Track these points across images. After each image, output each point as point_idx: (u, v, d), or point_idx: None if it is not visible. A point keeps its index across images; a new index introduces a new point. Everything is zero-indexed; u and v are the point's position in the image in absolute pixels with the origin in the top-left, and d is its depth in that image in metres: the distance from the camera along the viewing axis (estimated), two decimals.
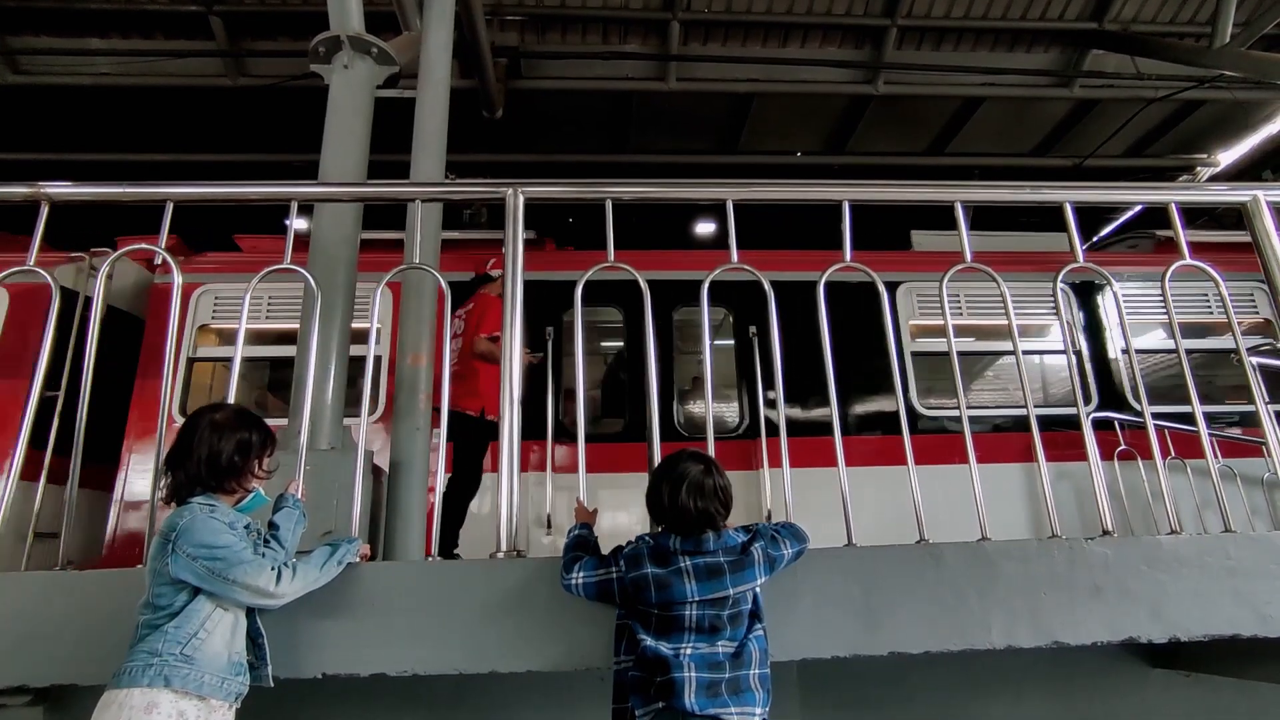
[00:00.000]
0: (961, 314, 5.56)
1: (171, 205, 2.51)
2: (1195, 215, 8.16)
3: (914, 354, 5.43)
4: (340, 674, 2.02)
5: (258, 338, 5.45)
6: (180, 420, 4.63)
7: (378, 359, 5.24)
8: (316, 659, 2.02)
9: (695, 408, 5.86)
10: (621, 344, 5.69)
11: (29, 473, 2.33)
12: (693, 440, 5.30)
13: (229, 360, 3.94)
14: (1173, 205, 2.77)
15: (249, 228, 5.94)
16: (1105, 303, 5.66)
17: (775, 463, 5.04)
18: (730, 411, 5.62)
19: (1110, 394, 5.41)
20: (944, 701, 2.89)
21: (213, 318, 5.27)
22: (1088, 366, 5.47)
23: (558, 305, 5.31)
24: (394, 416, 4.05)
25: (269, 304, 5.31)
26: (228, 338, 5.38)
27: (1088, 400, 5.33)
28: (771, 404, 5.24)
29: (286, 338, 5.21)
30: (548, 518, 4.93)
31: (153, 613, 1.77)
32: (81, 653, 2.00)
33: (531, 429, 4.97)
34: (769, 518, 4.97)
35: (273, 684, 1.91)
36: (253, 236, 5.82)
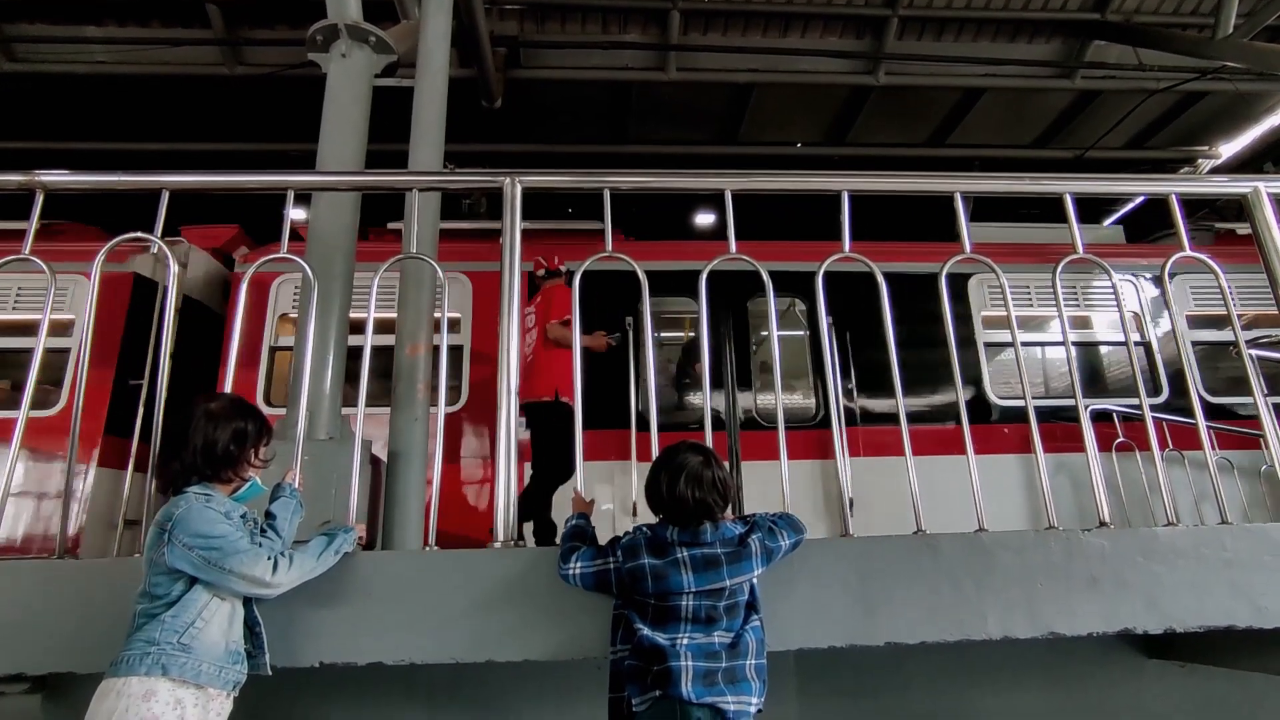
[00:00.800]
0: (1031, 305, 5.59)
1: (167, 194, 2.50)
2: (1196, 208, 8.15)
3: (986, 344, 5.46)
4: (338, 663, 2.02)
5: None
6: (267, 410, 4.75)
7: (458, 348, 5.38)
8: (314, 648, 2.03)
9: (769, 398, 5.85)
10: (682, 334, 5.79)
11: (114, 461, 2.32)
12: (769, 430, 5.32)
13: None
14: (1173, 196, 2.76)
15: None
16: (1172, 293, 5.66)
17: (854, 452, 5.12)
18: (807, 402, 5.62)
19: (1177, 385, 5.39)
20: (940, 690, 2.90)
21: (293, 307, 5.19)
22: (1157, 358, 5.39)
23: (635, 295, 5.32)
24: (392, 406, 4.05)
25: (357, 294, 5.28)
26: None
27: (1157, 391, 5.31)
28: (848, 394, 5.33)
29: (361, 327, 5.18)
30: (634, 505, 4.93)
31: (150, 602, 1.77)
32: (78, 641, 2.00)
33: (606, 417, 4.87)
34: (850, 505, 5.00)
35: (270, 673, 1.91)
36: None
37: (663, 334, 6.07)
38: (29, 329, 5.19)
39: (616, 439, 4.87)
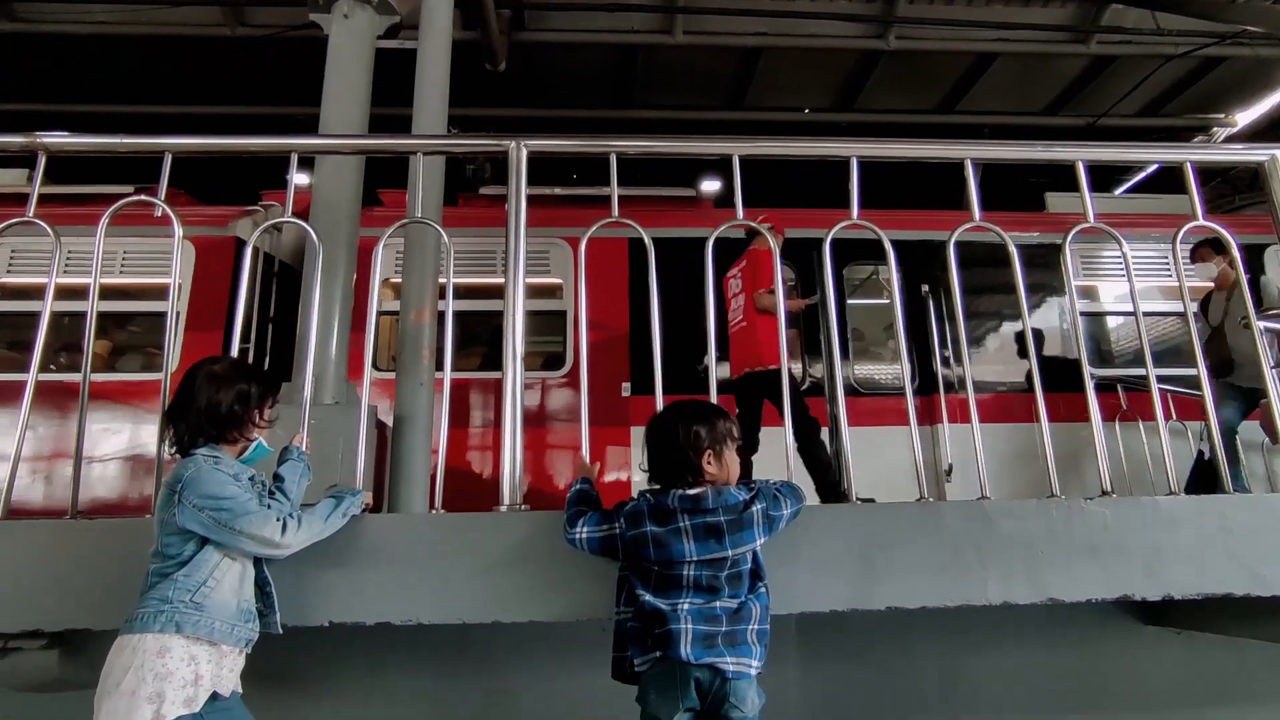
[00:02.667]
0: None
1: (170, 156, 2.48)
2: (1209, 177, 8.04)
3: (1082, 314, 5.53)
4: (347, 622, 2.06)
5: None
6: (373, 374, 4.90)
7: (562, 314, 5.46)
8: (324, 607, 2.06)
9: (866, 366, 6.01)
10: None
11: None
12: (871, 397, 5.52)
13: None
14: (1188, 165, 2.72)
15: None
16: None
17: (953, 418, 5.25)
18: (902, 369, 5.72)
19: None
20: (940, 653, 2.95)
21: (396, 271, 5.14)
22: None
23: (731, 262, 5.43)
24: (398, 370, 4.07)
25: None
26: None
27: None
28: (945, 362, 5.40)
29: (462, 292, 5.32)
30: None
31: (162, 561, 1.80)
32: (93, 599, 2.04)
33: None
34: (949, 472, 5.09)
35: (281, 631, 1.95)
36: (392, 191, 5.80)
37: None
38: (130, 294, 5.40)
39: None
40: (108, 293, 5.17)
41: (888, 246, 2.55)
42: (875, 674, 2.93)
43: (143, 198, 2.43)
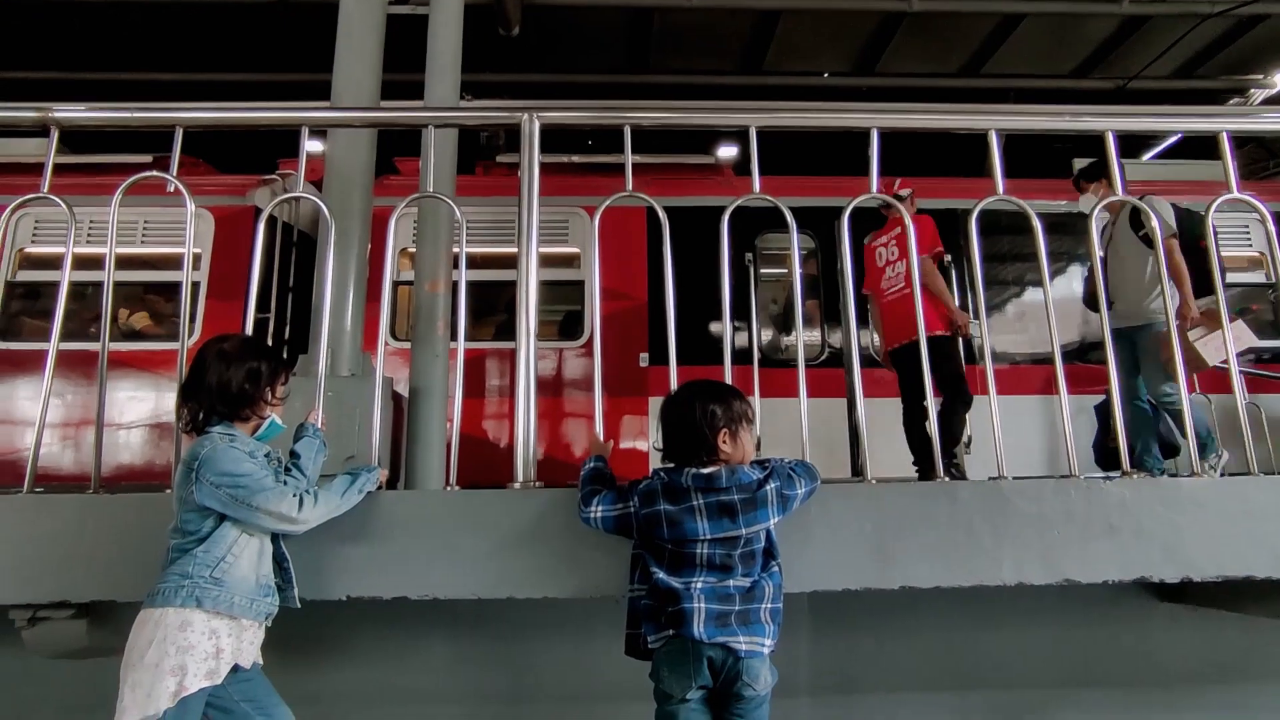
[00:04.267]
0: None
1: (181, 130, 2.46)
2: (1243, 141, 7.77)
3: None
4: (364, 597, 2.09)
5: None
6: (394, 344, 5.06)
7: (581, 283, 5.51)
8: (341, 582, 2.09)
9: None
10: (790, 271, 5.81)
11: None
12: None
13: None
14: (1223, 134, 2.62)
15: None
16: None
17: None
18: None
19: None
20: (951, 628, 2.95)
21: (412, 241, 5.13)
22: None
23: (751, 231, 5.35)
24: (413, 342, 4.08)
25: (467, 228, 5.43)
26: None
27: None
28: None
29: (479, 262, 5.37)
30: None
31: (182, 537, 1.83)
32: (117, 572, 2.08)
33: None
34: (968, 443, 5.05)
35: (299, 605, 1.98)
36: (408, 159, 5.78)
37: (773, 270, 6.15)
38: (149, 263, 5.46)
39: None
40: (133, 262, 5.25)
41: (909, 222, 2.50)
42: (886, 647, 2.95)
43: (155, 174, 2.42)
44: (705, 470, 1.96)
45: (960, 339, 4.49)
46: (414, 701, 2.77)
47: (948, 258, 4.91)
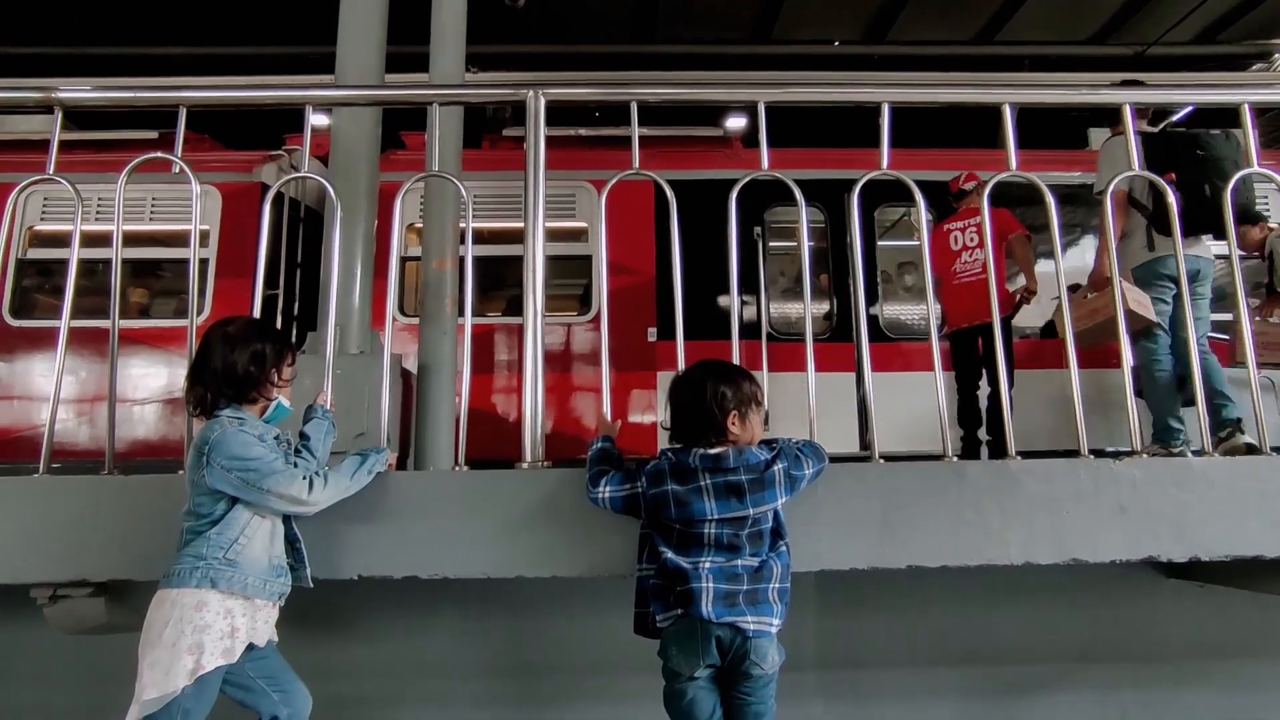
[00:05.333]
0: None
1: (185, 110, 2.44)
2: (1263, 110, 7.58)
3: None
4: (375, 576, 2.12)
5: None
6: (402, 319, 5.09)
7: (589, 258, 5.50)
8: (352, 562, 2.12)
9: (897, 308, 6.01)
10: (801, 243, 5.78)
11: None
12: (905, 341, 5.52)
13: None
14: (1245, 107, 2.55)
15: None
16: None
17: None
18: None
19: None
20: (957, 604, 2.97)
21: (419, 216, 5.12)
22: None
23: (760, 205, 5.31)
24: (421, 319, 4.08)
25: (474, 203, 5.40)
26: None
27: None
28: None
29: (487, 237, 5.44)
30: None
31: (195, 520, 1.85)
32: (133, 552, 2.12)
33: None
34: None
35: (312, 585, 2.01)
36: (414, 133, 5.75)
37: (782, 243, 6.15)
38: (159, 240, 5.48)
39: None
40: (143, 239, 5.26)
41: (919, 199, 2.46)
42: (892, 622, 2.97)
43: (160, 155, 2.40)
44: (713, 451, 1.96)
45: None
46: (425, 674, 2.82)
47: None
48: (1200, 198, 3.24)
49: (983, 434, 4.71)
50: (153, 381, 5.10)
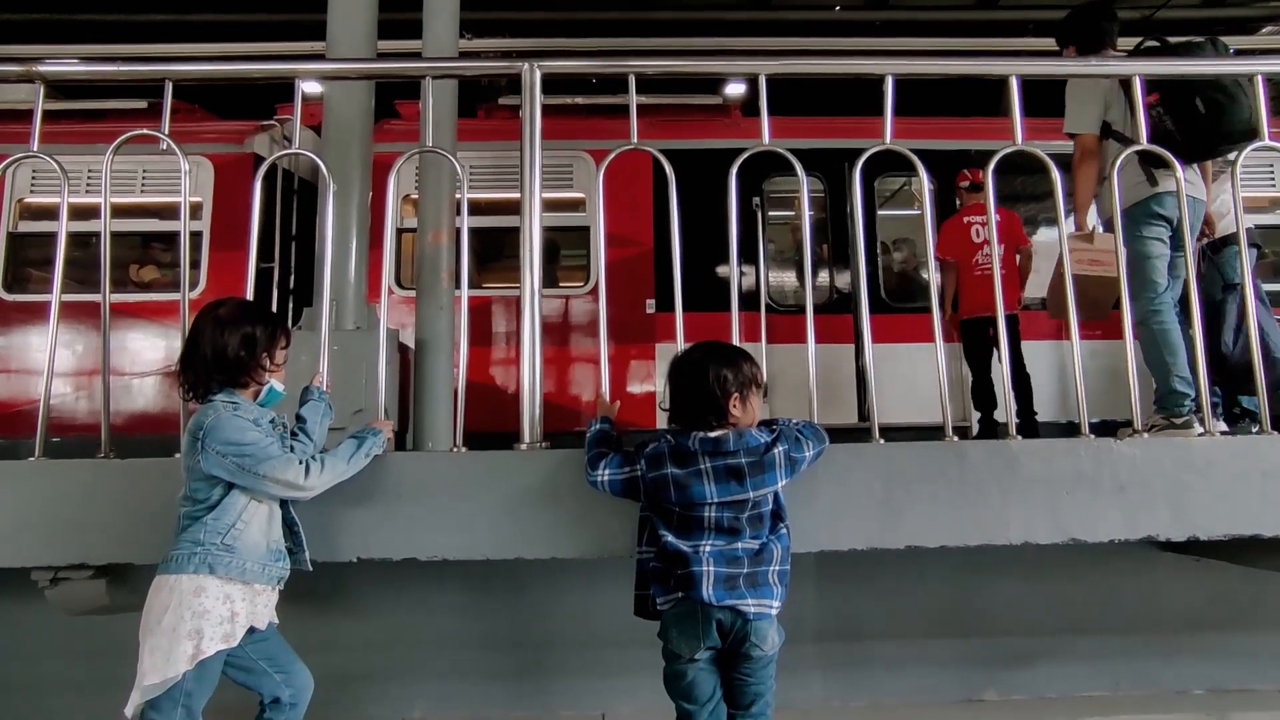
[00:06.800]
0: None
1: (171, 85, 2.38)
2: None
3: None
4: (374, 558, 2.12)
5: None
6: (399, 292, 5.05)
7: (586, 229, 5.42)
8: (351, 545, 2.12)
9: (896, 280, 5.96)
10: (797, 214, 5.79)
11: None
12: (906, 313, 5.44)
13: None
14: (1259, 78, 2.49)
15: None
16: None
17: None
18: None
19: None
20: (956, 580, 3.00)
21: (415, 188, 5.02)
22: None
23: (759, 175, 5.27)
24: (418, 294, 4.05)
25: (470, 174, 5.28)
26: None
27: None
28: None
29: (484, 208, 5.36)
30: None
31: (192, 505, 1.84)
32: (132, 535, 2.11)
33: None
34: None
35: (311, 568, 2.01)
36: (409, 103, 5.64)
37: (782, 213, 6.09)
38: (150, 212, 5.38)
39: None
40: (134, 212, 5.18)
41: (923, 175, 2.42)
42: (890, 595, 3.00)
43: (148, 131, 2.35)
44: (713, 434, 1.94)
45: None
46: (427, 648, 2.85)
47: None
48: (1192, 117, 2.84)
49: (999, 415, 4.76)
50: (151, 355, 5.07)
